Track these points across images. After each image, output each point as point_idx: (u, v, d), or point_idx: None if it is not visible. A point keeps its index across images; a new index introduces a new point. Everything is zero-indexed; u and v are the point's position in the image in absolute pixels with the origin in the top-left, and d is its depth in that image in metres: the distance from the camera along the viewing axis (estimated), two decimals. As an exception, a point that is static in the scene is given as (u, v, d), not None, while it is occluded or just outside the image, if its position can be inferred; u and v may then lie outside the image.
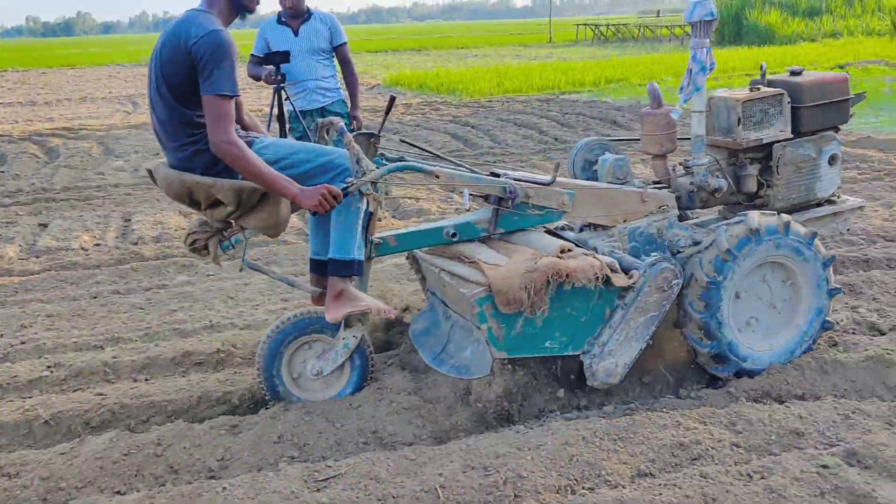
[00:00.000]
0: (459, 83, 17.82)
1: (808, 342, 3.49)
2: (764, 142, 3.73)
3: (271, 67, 5.54)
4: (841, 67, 18.08)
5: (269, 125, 5.86)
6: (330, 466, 2.77)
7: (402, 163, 3.37)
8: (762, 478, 2.61)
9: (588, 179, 3.79)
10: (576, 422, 3.04)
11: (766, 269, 3.40)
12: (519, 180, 3.41)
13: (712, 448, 2.83)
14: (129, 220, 7.09)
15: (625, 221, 3.54)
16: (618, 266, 3.19)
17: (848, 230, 4.23)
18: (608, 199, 3.54)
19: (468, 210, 3.68)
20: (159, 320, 4.55)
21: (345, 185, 3.08)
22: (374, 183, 3.12)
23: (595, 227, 3.62)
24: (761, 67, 3.99)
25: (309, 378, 3.37)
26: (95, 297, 5.03)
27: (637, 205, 3.56)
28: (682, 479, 2.61)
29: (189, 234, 3.28)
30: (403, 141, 4.18)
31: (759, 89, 3.76)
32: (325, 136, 3.67)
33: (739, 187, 3.86)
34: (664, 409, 3.16)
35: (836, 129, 3.90)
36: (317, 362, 3.35)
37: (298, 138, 5.82)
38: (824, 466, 2.63)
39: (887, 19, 29.82)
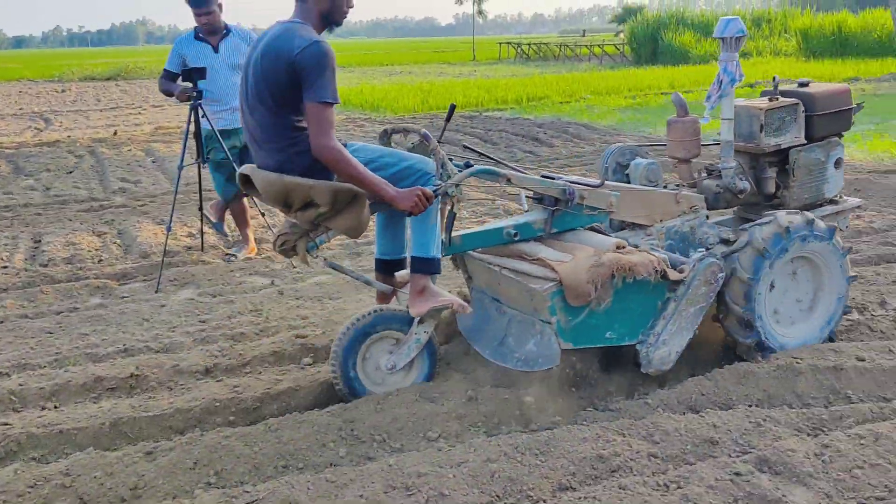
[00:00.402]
0: (384, 100, 17.83)
1: (832, 326, 3.82)
2: (782, 147, 4.04)
3: (187, 84, 5.44)
4: (751, 86, 18.83)
5: (184, 144, 5.74)
6: (248, 492, 2.70)
7: (480, 167, 3.53)
8: (678, 487, 2.66)
9: (618, 182, 4.01)
10: (498, 437, 3.05)
11: (795, 264, 3.72)
12: (573, 183, 3.61)
13: (631, 459, 2.88)
14: (39, 241, 6.81)
15: (661, 221, 3.78)
16: (669, 262, 3.45)
17: (847, 227, 4.49)
18: (648, 200, 3.79)
19: (525, 211, 3.91)
20: (70, 345, 4.37)
21: (435, 188, 3.28)
22: (456, 185, 3.32)
23: (633, 226, 3.86)
24: (774, 79, 4.25)
25: (383, 372, 3.51)
26: (2, 322, 4.80)
27: (672, 205, 3.82)
28: (601, 491, 2.65)
29: (279, 236, 3.42)
30: (466, 147, 4.26)
31: (777, 99, 4.04)
32: (391, 143, 3.85)
33: (760, 189, 4.16)
34: (585, 423, 3.20)
35: (840, 136, 4.23)
36: (390, 357, 3.49)
37: (223, 159, 5.70)
38: (737, 474, 2.70)
39: (793, 40, 31.24)
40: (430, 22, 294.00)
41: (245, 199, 5.96)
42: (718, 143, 4.16)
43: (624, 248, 3.45)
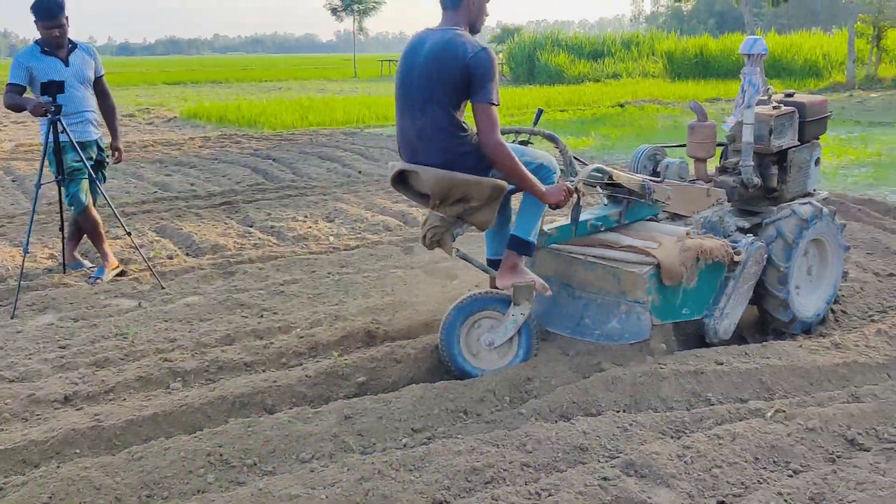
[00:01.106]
0: (261, 115, 17.50)
1: (836, 291, 4.57)
2: (783, 148, 4.58)
3: (44, 98, 5.17)
4: (621, 105, 19.66)
5: (43, 158, 5.44)
6: (106, 526, 2.55)
7: (594, 165, 3.98)
8: (549, 495, 2.70)
9: None
10: (372, 455, 3.01)
11: (809, 246, 4.38)
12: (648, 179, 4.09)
13: (504, 470, 2.90)
14: None
15: (696, 212, 4.30)
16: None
17: None
18: (689, 194, 4.31)
19: (605, 204, 4.32)
20: (-90, 377, 4.02)
21: (573, 182, 3.70)
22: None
23: (674, 216, 4.43)
24: (768, 90, 4.75)
25: (483, 349, 3.83)
26: None
27: (705, 199, 4.34)
28: (474, 503, 2.65)
29: (430, 230, 3.66)
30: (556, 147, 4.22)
31: (780, 107, 4.54)
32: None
33: (765, 184, 4.66)
34: (460, 436, 3.21)
35: (818, 138, 4.84)
36: (489, 335, 3.82)
37: (78, 169, 5.47)
38: (605, 479, 2.77)
39: (660, 63, 32.86)
40: (311, 38, 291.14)
41: (96, 214, 5.71)
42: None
43: (690, 235, 4.01)
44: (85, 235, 5.92)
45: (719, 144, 4.86)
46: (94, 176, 5.60)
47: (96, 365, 4.08)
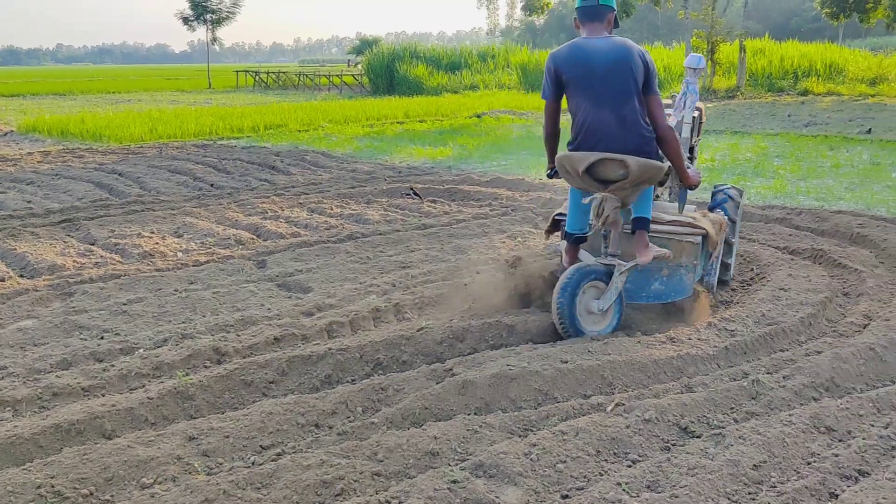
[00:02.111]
0: (107, 128, 16.64)
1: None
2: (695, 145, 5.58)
3: None
4: (478, 116, 20.08)
5: None
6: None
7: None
8: (400, 502, 2.70)
9: None
10: (218, 475, 2.91)
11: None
12: None
13: (355, 481, 2.88)
14: None
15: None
16: None
17: None
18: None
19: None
20: None
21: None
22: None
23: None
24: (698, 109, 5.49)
25: (591, 315, 4.29)
26: None
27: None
28: (323, 517, 2.61)
29: (612, 210, 4.05)
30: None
31: (699, 111, 5.38)
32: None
33: None
34: (310, 449, 3.16)
35: None
36: (598, 302, 4.28)
37: None
38: (455, 482, 2.79)
39: (514, 74, 33.84)
40: (163, 49, 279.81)
41: None
42: None
43: (705, 213, 4.86)
44: None
45: None
46: None
47: (-89, 400, 3.73)
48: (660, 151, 4.25)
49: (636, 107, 4.06)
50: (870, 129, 14.51)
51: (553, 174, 4.61)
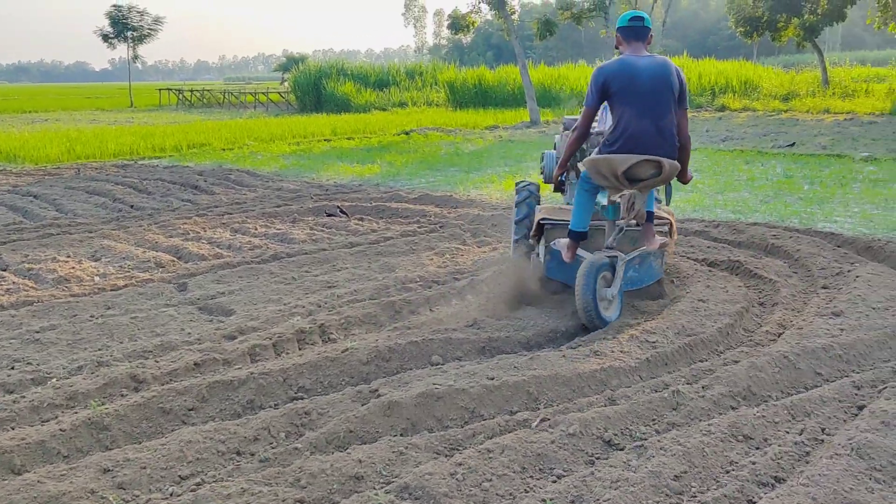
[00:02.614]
0: (22, 149, 16.03)
1: None
2: None
3: None
4: (406, 133, 20.12)
5: None
6: None
7: None
8: (322, 529, 2.64)
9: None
10: (136, 509, 2.80)
11: None
12: None
13: (277, 509, 2.81)
14: None
15: None
16: None
17: None
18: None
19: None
20: None
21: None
22: None
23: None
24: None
25: (602, 301, 4.80)
26: None
27: None
28: (242, 548, 2.53)
29: (639, 203, 4.79)
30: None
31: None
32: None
33: None
34: (231, 478, 3.07)
35: None
36: (608, 290, 4.86)
37: None
38: (379, 505, 2.75)
39: (442, 92, 34.06)
40: (83, 67, 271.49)
41: None
42: None
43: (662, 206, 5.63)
44: None
45: None
46: None
47: None
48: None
49: (672, 118, 4.67)
50: (793, 143, 15.08)
51: (562, 179, 5.73)
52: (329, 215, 8.87)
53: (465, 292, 5.67)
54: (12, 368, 4.32)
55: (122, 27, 44.51)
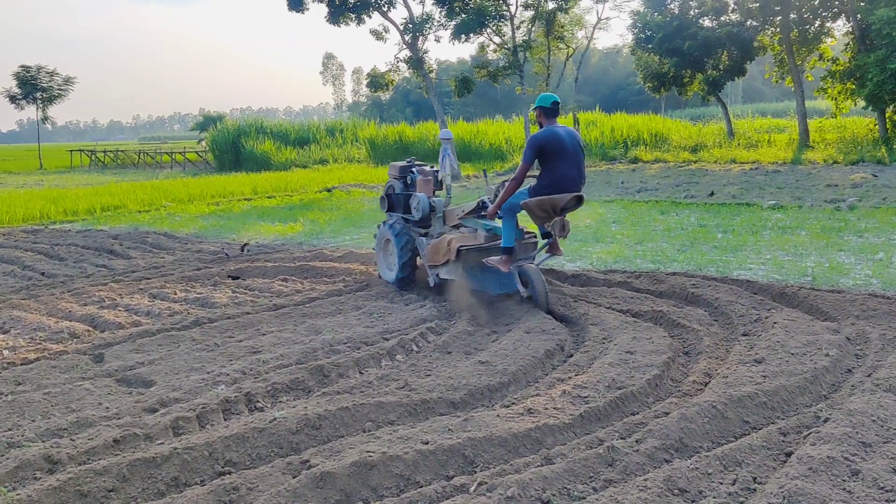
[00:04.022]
0: (-80, 216, 15.28)
1: None
2: None
3: None
4: (328, 190, 20.05)
5: None
6: None
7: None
8: None
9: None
10: None
11: None
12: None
13: None
14: None
15: None
16: None
17: None
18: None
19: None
20: None
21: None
22: None
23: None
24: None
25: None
26: None
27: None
28: None
29: (565, 227, 6.50)
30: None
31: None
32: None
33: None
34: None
35: None
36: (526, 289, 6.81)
37: None
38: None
39: (364, 148, 34.23)
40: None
41: None
42: None
43: None
44: None
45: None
46: None
47: None
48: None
49: (583, 166, 6.50)
50: (712, 192, 15.65)
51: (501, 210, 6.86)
52: (233, 278, 8.67)
53: (394, 352, 5.60)
54: (-89, 456, 4.01)
55: (31, 88, 43.40)
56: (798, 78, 26.73)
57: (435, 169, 8.10)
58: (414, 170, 8.21)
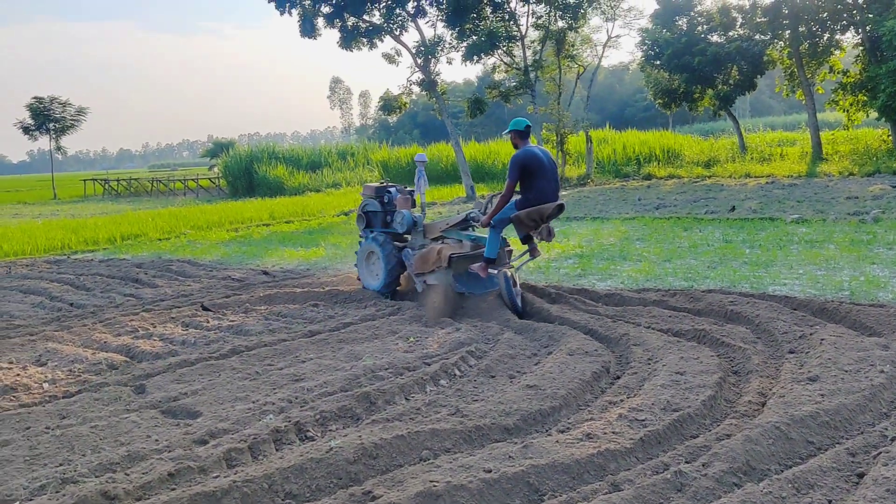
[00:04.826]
0: (-57, 249, 15.35)
1: None
2: None
3: None
4: (345, 214, 20.08)
5: None
6: None
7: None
8: None
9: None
10: None
11: None
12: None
13: None
14: None
15: None
16: None
17: None
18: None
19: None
20: None
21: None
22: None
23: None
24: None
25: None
26: None
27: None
28: None
29: (551, 232, 7.71)
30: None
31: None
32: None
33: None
34: None
35: None
36: (515, 288, 7.72)
37: None
38: None
39: (376, 171, 34.31)
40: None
41: None
42: None
43: None
44: None
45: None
46: None
47: None
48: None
49: (557, 178, 7.47)
50: (733, 207, 15.58)
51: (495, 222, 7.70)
52: (205, 309, 8.55)
53: (437, 377, 5.55)
54: (-35, 493, 3.98)
55: (44, 119, 43.80)
56: (809, 91, 26.72)
57: (410, 189, 9.13)
58: (391, 189, 9.10)
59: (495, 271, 7.61)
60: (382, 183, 9.40)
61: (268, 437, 4.46)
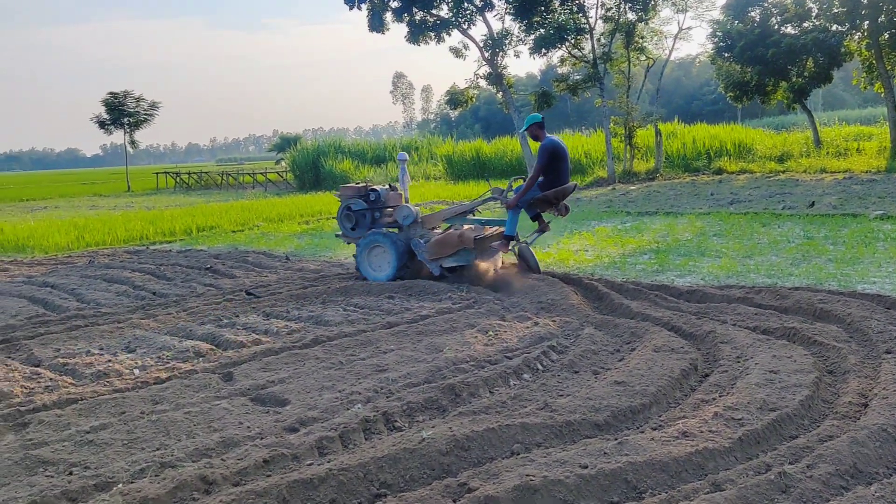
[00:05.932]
0: (30, 238, 15.96)
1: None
2: None
3: None
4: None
5: None
6: None
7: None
8: None
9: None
10: None
11: None
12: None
13: None
14: None
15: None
16: None
17: None
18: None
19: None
20: None
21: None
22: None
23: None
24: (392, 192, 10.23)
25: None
26: None
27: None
28: None
29: (568, 208, 9.14)
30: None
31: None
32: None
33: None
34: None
35: None
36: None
37: None
38: None
39: (440, 165, 34.39)
40: (74, 153, 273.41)
41: None
42: None
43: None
44: None
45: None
46: None
47: None
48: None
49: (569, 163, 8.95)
50: (812, 203, 15.15)
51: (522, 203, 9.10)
52: (249, 294, 9.18)
53: (520, 371, 5.52)
54: (70, 474, 4.11)
55: (120, 114, 45.16)
56: (888, 83, 25.70)
57: (395, 185, 10.24)
58: (378, 188, 9.88)
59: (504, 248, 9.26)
60: (359, 183, 10.27)
61: (357, 427, 4.50)
